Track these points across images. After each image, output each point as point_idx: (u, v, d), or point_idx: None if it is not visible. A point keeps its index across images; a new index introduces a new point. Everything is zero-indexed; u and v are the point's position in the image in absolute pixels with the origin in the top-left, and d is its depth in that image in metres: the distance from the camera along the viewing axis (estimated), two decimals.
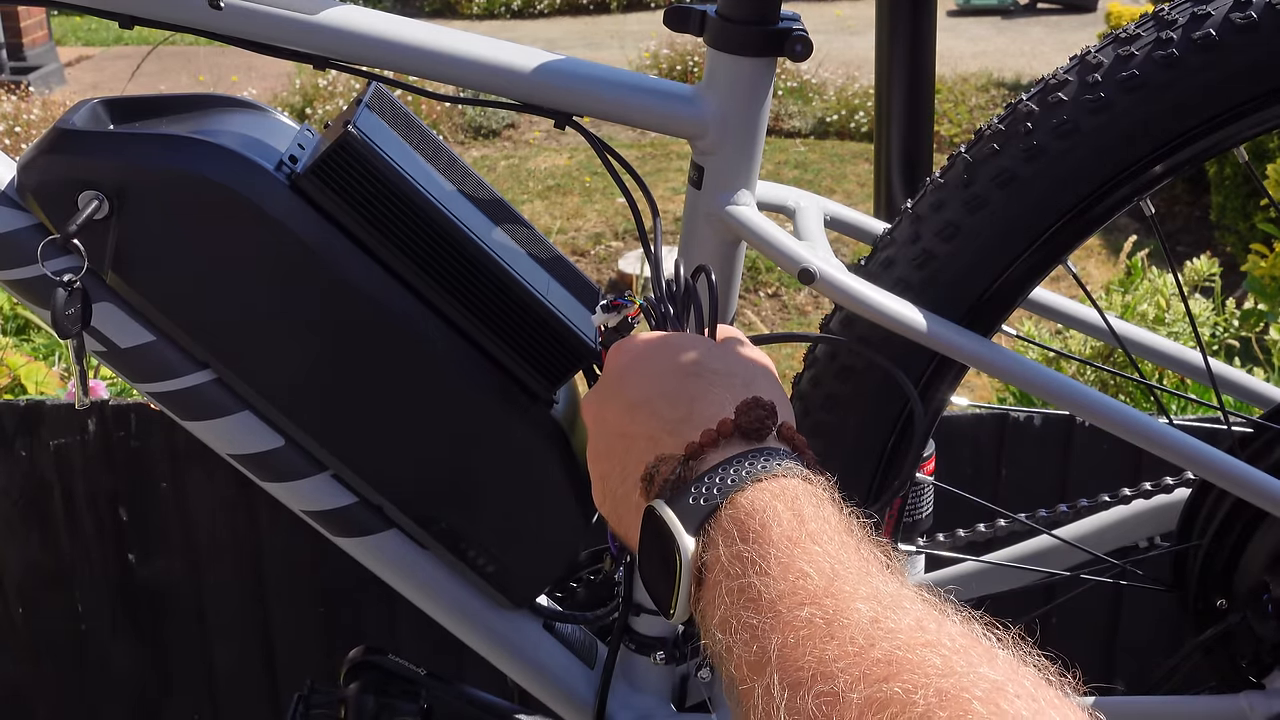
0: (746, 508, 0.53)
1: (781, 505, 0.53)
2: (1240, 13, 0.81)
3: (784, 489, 0.54)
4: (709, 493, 0.55)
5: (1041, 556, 1.16)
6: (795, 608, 0.47)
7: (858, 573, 0.49)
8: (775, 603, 0.48)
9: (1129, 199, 0.87)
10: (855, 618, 0.46)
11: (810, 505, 0.54)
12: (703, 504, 0.55)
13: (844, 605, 0.47)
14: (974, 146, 0.90)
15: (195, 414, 0.91)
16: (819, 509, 0.53)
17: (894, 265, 0.91)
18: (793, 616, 0.47)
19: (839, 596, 0.47)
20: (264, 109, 0.99)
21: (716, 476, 0.56)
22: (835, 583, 0.48)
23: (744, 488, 0.55)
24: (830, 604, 0.47)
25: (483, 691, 1.08)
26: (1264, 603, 1.02)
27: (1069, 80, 0.87)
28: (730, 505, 0.54)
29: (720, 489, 0.55)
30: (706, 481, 0.56)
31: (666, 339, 0.68)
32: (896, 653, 0.44)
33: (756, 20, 0.86)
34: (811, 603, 0.47)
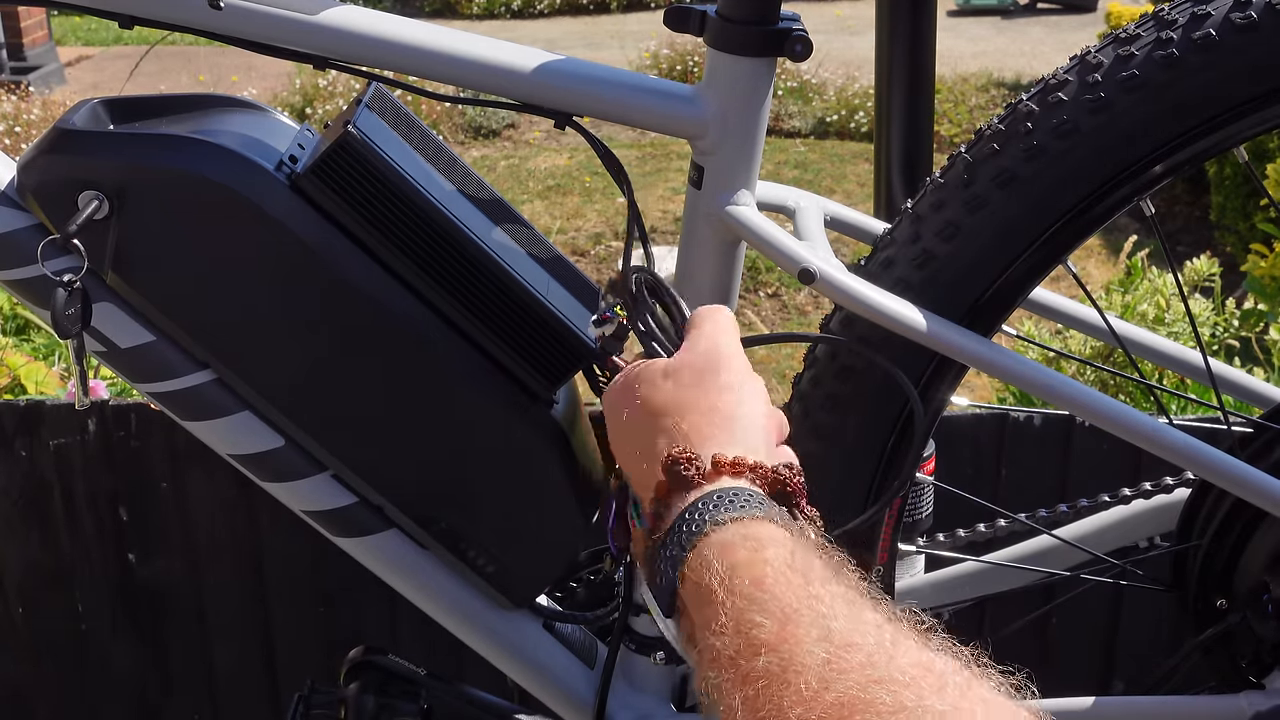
0: (693, 578, 0.54)
1: (718, 562, 0.53)
2: (1240, 13, 0.81)
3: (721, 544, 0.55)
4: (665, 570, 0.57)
5: (1041, 556, 1.16)
6: (751, 659, 0.48)
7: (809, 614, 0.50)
8: (735, 659, 0.49)
9: (1129, 199, 0.87)
10: (809, 661, 0.47)
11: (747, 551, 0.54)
12: (663, 584, 0.57)
13: (796, 650, 0.48)
14: (974, 146, 0.91)
15: (195, 414, 0.91)
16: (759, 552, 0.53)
17: (894, 265, 0.91)
18: (750, 669, 0.48)
19: (792, 641, 0.48)
20: (264, 109, 0.99)
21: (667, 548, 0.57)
22: (787, 627, 0.49)
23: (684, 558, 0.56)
24: (786, 650, 0.48)
25: (483, 691, 1.08)
26: (1264, 603, 1.02)
27: (1069, 80, 0.87)
28: (682, 579, 0.56)
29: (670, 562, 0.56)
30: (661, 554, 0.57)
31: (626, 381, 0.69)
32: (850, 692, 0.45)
33: (756, 20, 0.86)
34: (766, 650, 0.48)
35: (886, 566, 1.03)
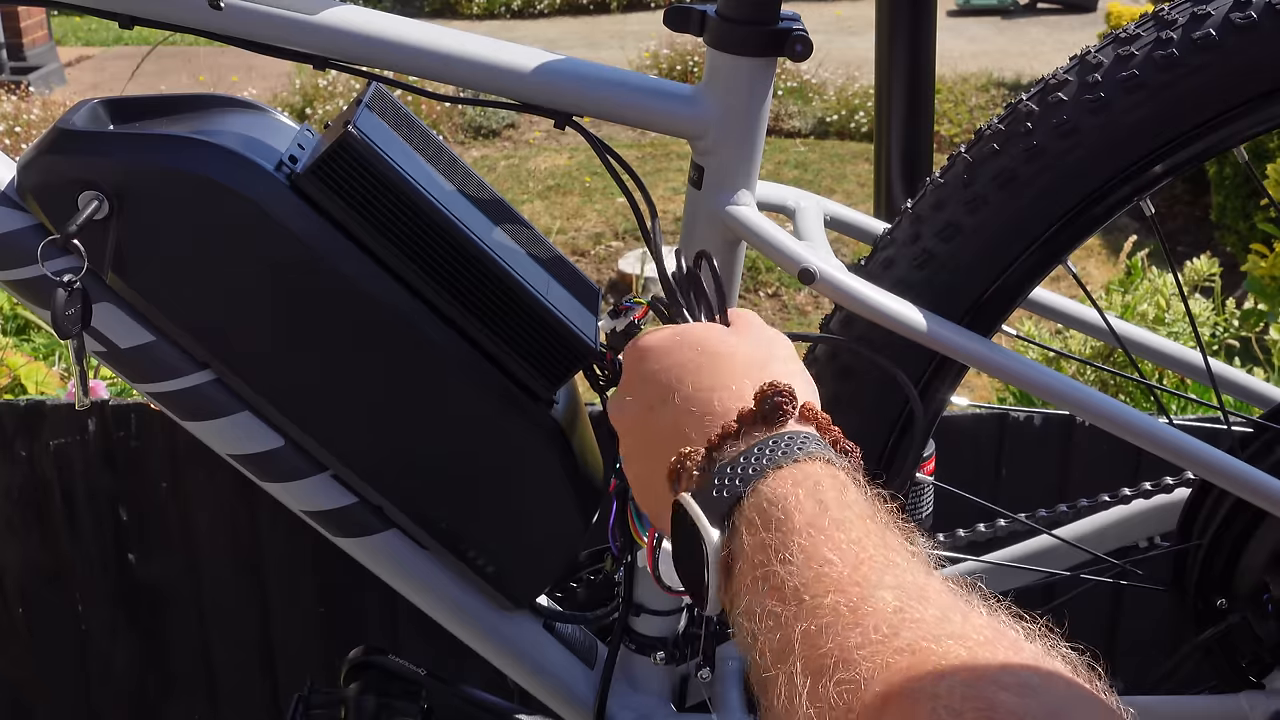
0: (769, 495, 0.53)
1: (803, 492, 0.53)
2: (1240, 13, 0.81)
3: (805, 475, 0.54)
4: (731, 483, 0.55)
5: (1041, 556, 1.16)
6: (819, 595, 0.47)
7: (882, 561, 0.49)
8: (799, 591, 0.48)
9: (1129, 199, 0.87)
10: (879, 606, 0.46)
11: (833, 490, 0.53)
12: (725, 495, 0.55)
13: (868, 594, 0.47)
14: (974, 146, 0.91)
15: (195, 414, 0.91)
16: (842, 494, 0.53)
17: (894, 265, 0.91)
18: (816, 604, 0.47)
19: (863, 584, 0.47)
20: (264, 109, 0.99)
21: (739, 466, 0.56)
22: (859, 570, 0.48)
23: (765, 475, 0.54)
24: (855, 592, 0.47)
25: (483, 691, 1.08)
26: (1264, 603, 1.02)
27: (1069, 80, 0.87)
28: (753, 494, 0.54)
29: (742, 478, 0.55)
30: (729, 472, 0.56)
31: (678, 332, 0.68)
32: (920, 643, 0.44)
33: (756, 20, 0.86)
34: (835, 590, 0.47)
35: None
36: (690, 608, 1.04)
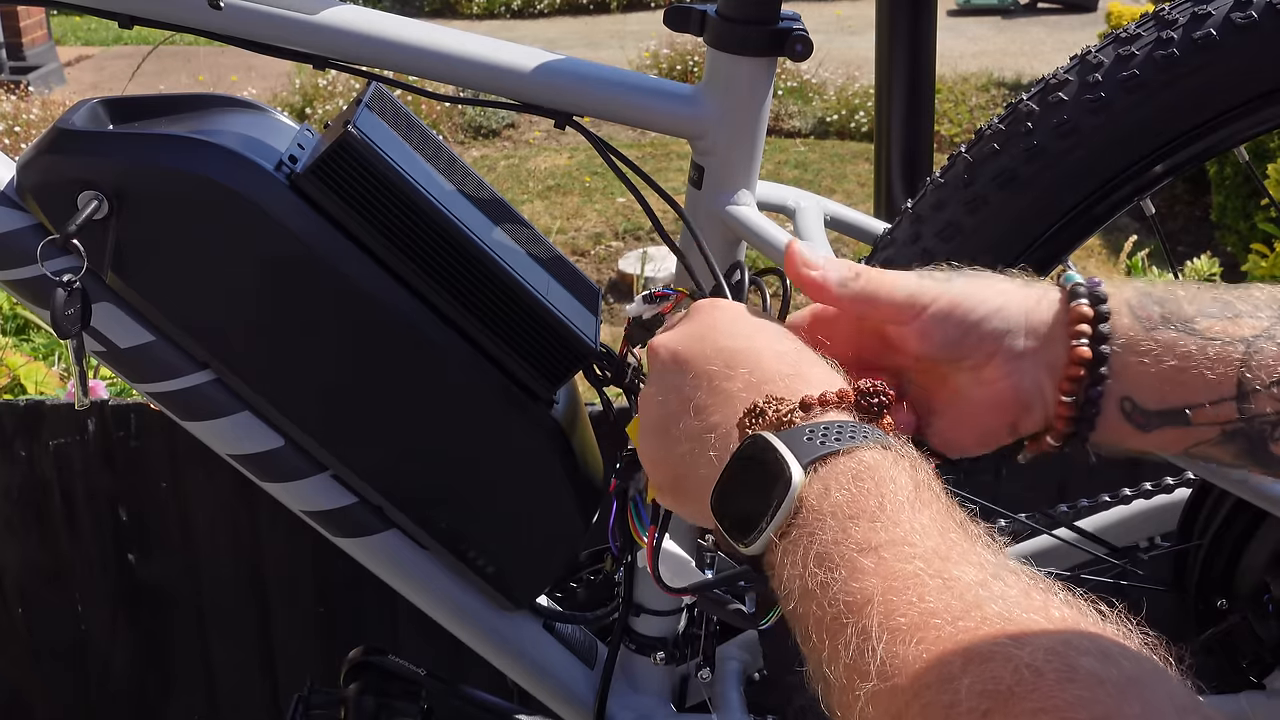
0: (867, 462, 0.54)
1: (898, 470, 0.54)
2: (1241, 12, 0.81)
3: (898, 459, 0.55)
4: (826, 439, 0.55)
5: (1042, 557, 1.16)
6: (902, 559, 0.48)
7: (964, 542, 0.50)
8: (881, 549, 0.48)
9: (1129, 199, 0.87)
10: (962, 577, 0.46)
11: (924, 477, 0.54)
12: (820, 445, 0.55)
13: (951, 567, 0.47)
14: (974, 146, 0.90)
15: (195, 414, 0.91)
16: (930, 484, 0.54)
17: (894, 265, 0.91)
18: (899, 567, 0.47)
19: (947, 559, 0.48)
20: (264, 109, 0.99)
21: (834, 429, 0.56)
22: (944, 543, 0.49)
23: (863, 446, 0.55)
24: (938, 564, 0.47)
25: (483, 691, 1.08)
26: (1264, 603, 1.02)
27: (1069, 80, 0.86)
28: (850, 455, 0.54)
29: (839, 438, 0.55)
30: (824, 430, 0.55)
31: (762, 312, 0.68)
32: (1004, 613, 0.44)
33: (756, 20, 0.86)
34: (921, 558, 0.48)
35: None
36: (690, 608, 1.04)
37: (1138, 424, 0.65)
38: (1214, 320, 0.63)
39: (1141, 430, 0.65)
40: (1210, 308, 0.63)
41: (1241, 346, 0.61)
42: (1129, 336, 0.64)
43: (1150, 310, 0.64)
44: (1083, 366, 0.64)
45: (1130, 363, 0.64)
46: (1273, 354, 0.61)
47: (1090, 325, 0.64)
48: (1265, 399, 0.61)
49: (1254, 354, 0.61)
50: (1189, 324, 0.63)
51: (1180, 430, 0.64)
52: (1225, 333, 0.62)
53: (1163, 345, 0.63)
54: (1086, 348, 0.64)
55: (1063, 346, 0.65)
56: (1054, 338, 0.65)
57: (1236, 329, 0.62)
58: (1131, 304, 0.64)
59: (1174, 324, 0.63)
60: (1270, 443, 0.62)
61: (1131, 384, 0.64)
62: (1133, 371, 0.64)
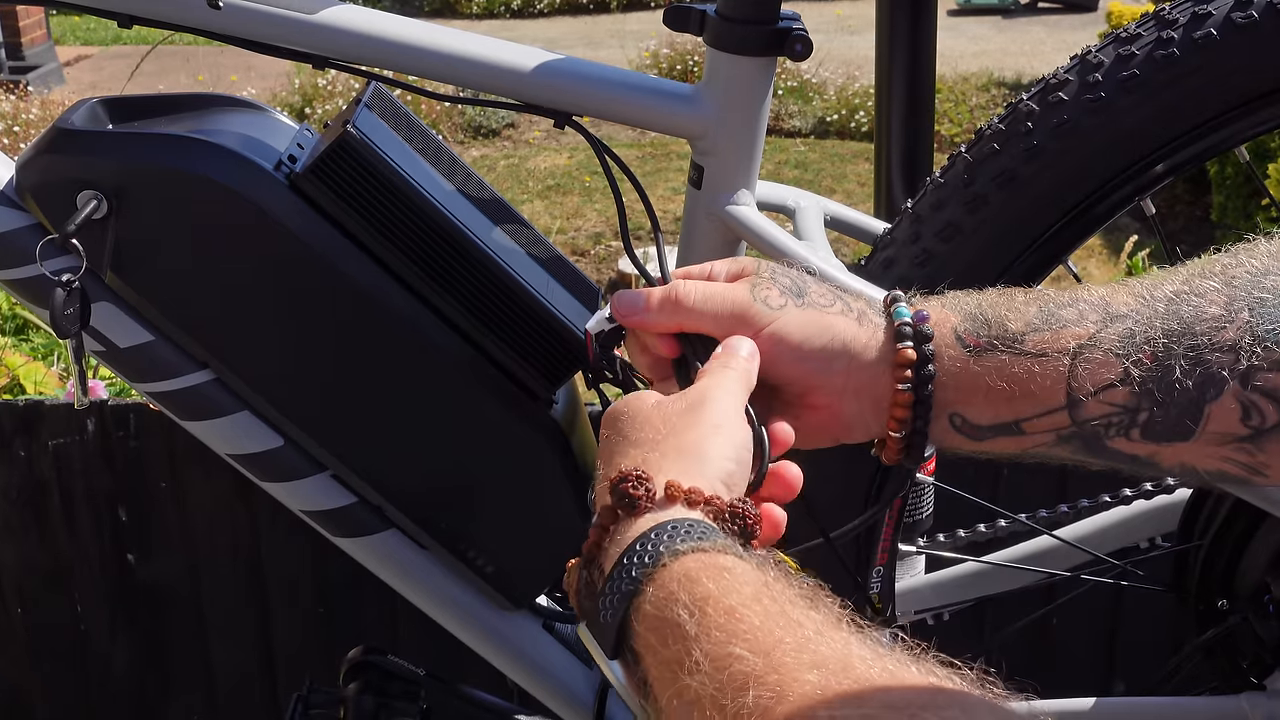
0: (652, 612, 0.50)
1: (684, 594, 0.49)
2: (1241, 12, 0.81)
3: (682, 573, 0.50)
4: (612, 605, 0.52)
5: (1042, 557, 1.16)
6: (738, 695, 0.45)
7: (794, 641, 0.47)
8: (717, 698, 0.45)
9: (1130, 199, 0.87)
10: (805, 690, 0.44)
11: (714, 580, 0.50)
12: (610, 620, 0.52)
13: (788, 680, 0.45)
14: (974, 146, 0.90)
15: (194, 414, 0.91)
16: (726, 580, 0.50)
17: (894, 265, 0.91)
18: (738, 706, 0.45)
19: (782, 671, 0.45)
20: (263, 108, 0.99)
21: (614, 582, 0.52)
22: (773, 656, 0.46)
23: (642, 590, 0.51)
24: (774, 680, 0.45)
25: (483, 691, 1.08)
26: (1265, 603, 1.02)
27: (1069, 80, 0.86)
28: (636, 615, 0.51)
29: (620, 596, 0.52)
30: (607, 591, 0.53)
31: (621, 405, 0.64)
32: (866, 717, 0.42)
33: (756, 20, 0.86)
34: (755, 684, 0.45)
35: (887, 567, 1.03)
36: None
37: (969, 435, 0.67)
38: (1040, 334, 0.64)
39: (974, 440, 0.67)
40: (1036, 320, 0.65)
41: (1067, 359, 0.63)
42: (957, 366, 0.65)
43: (978, 335, 0.65)
44: (907, 407, 0.66)
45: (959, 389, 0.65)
46: (1098, 361, 0.63)
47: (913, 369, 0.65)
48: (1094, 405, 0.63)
49: (1080, 365, 0.63)
50: (1016, 342, 0.64)
51: (1015, 438, 0.66)
52: (1051, 346, 0.64)
53: (991, 368, 0.65)
54: (909, 392, 0.65)
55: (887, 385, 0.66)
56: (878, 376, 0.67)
57: (1061, 340, 0.64)
58: (959, 332, 0.66)
59: (1000, 345, 0.65)
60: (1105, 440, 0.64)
61: (961, 404, 0.66)
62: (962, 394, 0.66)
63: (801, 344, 0.67)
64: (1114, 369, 0.62)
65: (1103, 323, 0.63)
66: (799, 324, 0.67)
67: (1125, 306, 0.64)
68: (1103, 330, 0.63)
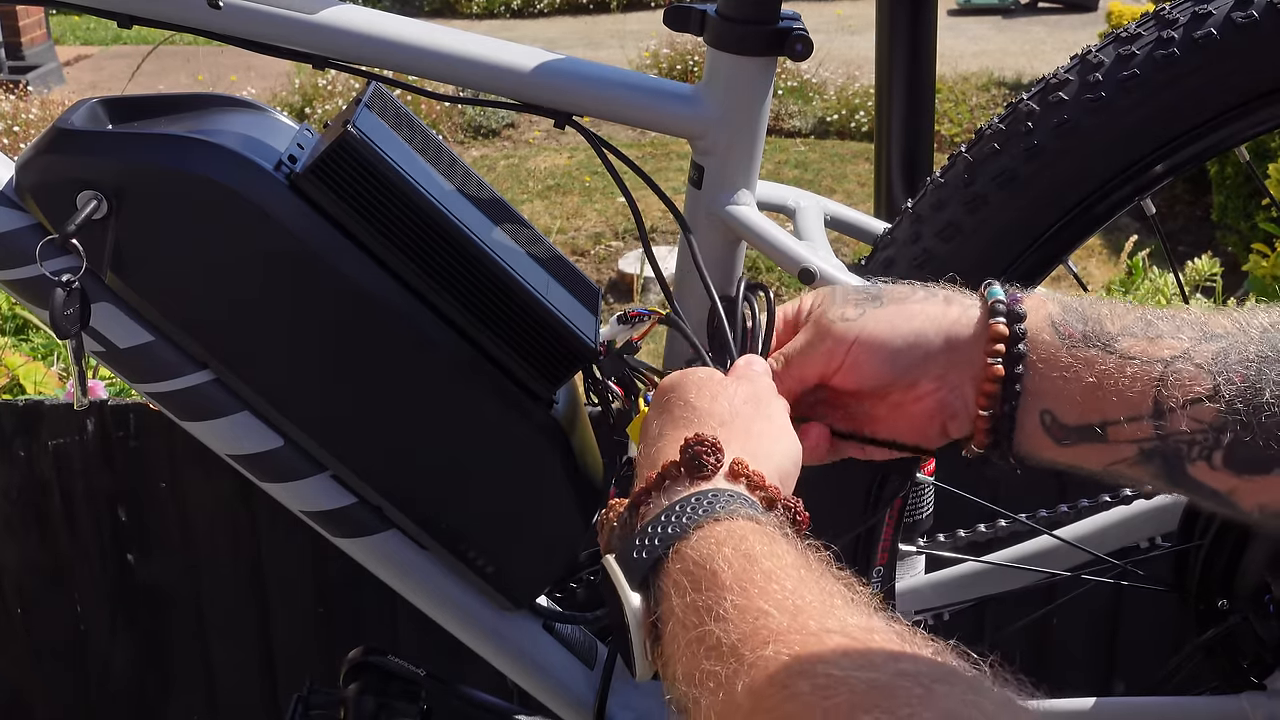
0: (694, 555, 0.52)
1: (729, 549, 0.51)
2: (1241, 12, 0.81)
3: (730, 531, 0.53)
4: (651, 544, 0.54)
5: (1042, 557, 1.16)
6: (759, 648, 0.46)
7: (821, 606, 0.48)
8: (737, 647, 0.47)
9: (1130, 198, 0.87)
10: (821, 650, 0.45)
11: (761, 543, 0.52)
12: (644, 557, 0.54)
13: (810, 639, 0.46)
14: (974, 146, 0.90)
15: (194, 414, 0.91)
16: (771, 546, 0.52)
17: (894, 265, 0.91)
18: (757, 658, 0.46)
19: (804, 631, 0.46)
20: (263, 108, 0.99)
21: (659, 525, 0.54)
22: (799, 618, 0.47)
23: (688, 535, 0.53)
24: (796, 639, 0.46)
25: (483, 691, 1.08)
26: (1265, 603, 1.02)
27: (1070, 80, 0.86)
28: (676, 556, 0.53)
29: (663, 538, 0.54)
30: (650, 531, 0.54)
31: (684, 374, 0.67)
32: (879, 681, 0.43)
33: (757, 20, 0.86)
34: (776, 640, 0.46)
35: (887, 566, 1.03)
36: None
37: (1056, 438, 0.67)
38: (1135, 340, 0.64)
39: (1060, 444, 0.67)
40: (1133, 327, 0.65)
41: (1159, 366, 0.63)
42: (1049, 353, 0.65)
43: (1073, 327, 0.65)
44: (997, 383, 0.66)
45: (1050, 378, 0.65)
46: (1189, 374, 0.63)
47: (1005, 344, 0.66)
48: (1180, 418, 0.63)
49: (1171, 374, 0.63)
50: (1110, 343, 0.64)
51: (1098, 446, 0.66)
52: (1144, 353, 0.64)
53: (1082, 362, 0.65)
54: (1000, 366, 0.66)
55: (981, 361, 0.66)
56: (973, 354, 0.67)
57: (1156, 349, 0.64)
58: (1055, 320, 0.66)
59: (1095, 342, 0.65)
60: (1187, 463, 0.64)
61: (1050, 398, 0.66)
62: (1052, 386, 0.66)
63: (891, 338, 0.67)
64: (1204, 384, 0.62)
65: (1198, 339, 0.63)
66: (885, 320, 0.68)
67: (1221, 328, 0.64)
68: (1197, 346, 0.63)
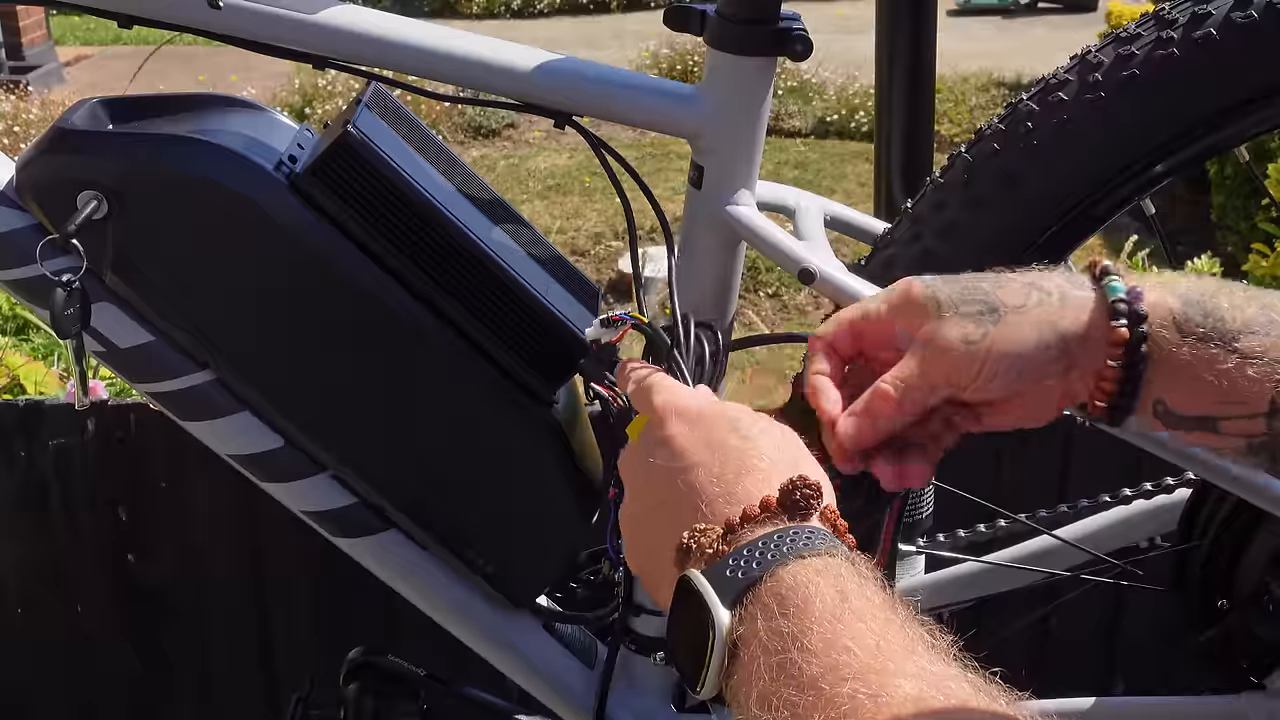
0: (789, 582, 0.53)
1: (824, 581, 0.52)
2: (1241, 12, 0.81)
3: (827, 566, 0.53)
4: (748, 566, 0.54)
5: (1042, 557, 1.16)
6: (838, 684, 0.47)
7: (902, 650, 0.49)
8: (817, 680, 0.47)
9: (1129, 199, 0.87)
10: (899, 695, 0.46)
11: (854, 583, 0.53)
12: (740, 577, 0.54)
13: (888, 681, 0.46)
14: (974, 146, 0.90)
15: (194, 414, 0.91)
16: (862, 587, 0.53)
17: (894, 265, 0.91)
18: (835, 693, 0.46)
19: (883, 673, 0.47)
20: (263, 109, 0.99)
21: (756, 550, 0.55)
22: (879, 659, 0.48)
23: (786, 562, 0.54)
24: (874, 680, 0.46)
25: (483, 691, 1.08)
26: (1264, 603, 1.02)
27: (1069, 80, 0.86)
28: (771, 579, 0.53)
29: (760, 563, 0.54)
30: (746, 555, 0.55)
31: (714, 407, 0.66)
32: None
33: (756, 20, 0.86)
34: (855, 678, 0.47)
35: (887, 567, 1.03)
36: None
37: (1168, 424, 0.67)
38: (1257, 337, 0.63)
39: (1170, 428, 0.67)
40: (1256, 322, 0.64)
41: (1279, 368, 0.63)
42: (1169, 350, 0.65)
43: (1194, 324, 0.65)
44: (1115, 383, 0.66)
45: (1167, 373, 0.65)
46: None
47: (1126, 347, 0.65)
48: None
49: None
50: (1232, 341, 0.64)
51: (1209, 435, 0.66)
52: (1267, 352, 0.63)
53: (1202, 361, 0.64)
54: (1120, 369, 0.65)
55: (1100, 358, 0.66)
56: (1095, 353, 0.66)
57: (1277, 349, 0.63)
58: (1176, 316, 0.65)
59: (1216, 340, 0.64)
60: None
61: (1166, 389, 0.66)
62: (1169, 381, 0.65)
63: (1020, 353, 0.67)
64: None
65: None
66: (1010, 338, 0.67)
67: None
68: None
